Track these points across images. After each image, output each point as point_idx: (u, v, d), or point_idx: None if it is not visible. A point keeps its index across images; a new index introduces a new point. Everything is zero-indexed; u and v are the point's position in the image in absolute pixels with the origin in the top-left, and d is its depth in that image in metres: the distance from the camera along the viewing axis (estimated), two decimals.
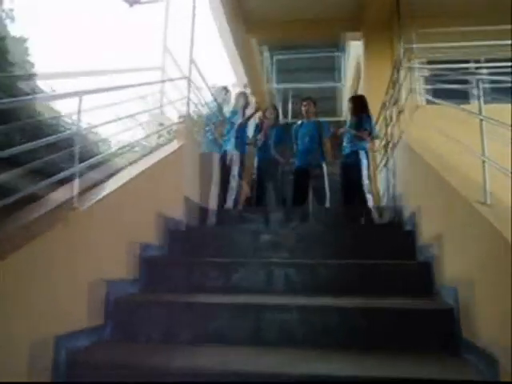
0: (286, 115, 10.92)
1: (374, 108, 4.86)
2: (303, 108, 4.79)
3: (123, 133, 3.70)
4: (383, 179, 5.05)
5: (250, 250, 2.85)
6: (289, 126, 5.30)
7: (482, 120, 2.03)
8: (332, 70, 11.70)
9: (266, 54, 11.08)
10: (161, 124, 3.64)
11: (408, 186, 3.18)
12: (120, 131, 3.11)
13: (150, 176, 2.73)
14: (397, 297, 2.18)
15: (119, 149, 3.04)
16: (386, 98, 4.90)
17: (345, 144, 4.64)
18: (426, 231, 2.53)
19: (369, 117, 4.56)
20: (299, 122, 4.92)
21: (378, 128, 5.09)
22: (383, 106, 4.99)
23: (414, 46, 3.72)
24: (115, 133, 3.50)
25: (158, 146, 3.42)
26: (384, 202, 4.73)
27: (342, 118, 10.42)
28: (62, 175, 1.90)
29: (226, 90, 5.09)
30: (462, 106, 3.99)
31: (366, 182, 4.25)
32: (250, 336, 1.96)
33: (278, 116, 5.13)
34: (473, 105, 4.75)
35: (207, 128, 4.64)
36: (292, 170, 4.73)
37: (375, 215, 3.71)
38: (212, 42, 7.88)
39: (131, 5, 4.93)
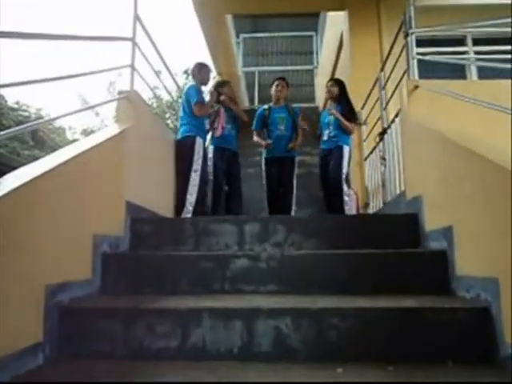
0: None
1: (360, 86, 4.41)
2: (275, 88, 4.10)
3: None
4: (372, 172, 4.34)
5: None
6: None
7: None
8: (310, 53, 10.97)
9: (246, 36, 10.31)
10: None
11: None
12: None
13: (69, 174, 1.81)
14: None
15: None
16: (380, 75, 4.11)
17: (325, 138, 4.06)
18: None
19: (353, 109, 4.08)
20: (266, 106, 4.22)
21: (366, 113, 4.48)
22: (377, 84, 4.21)
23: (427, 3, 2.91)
24: None
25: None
26: (378, 203, 4.01)
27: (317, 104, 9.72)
28: None
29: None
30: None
31: (345, 186, 3.88)
32: None
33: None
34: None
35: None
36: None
37: None
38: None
39: None
